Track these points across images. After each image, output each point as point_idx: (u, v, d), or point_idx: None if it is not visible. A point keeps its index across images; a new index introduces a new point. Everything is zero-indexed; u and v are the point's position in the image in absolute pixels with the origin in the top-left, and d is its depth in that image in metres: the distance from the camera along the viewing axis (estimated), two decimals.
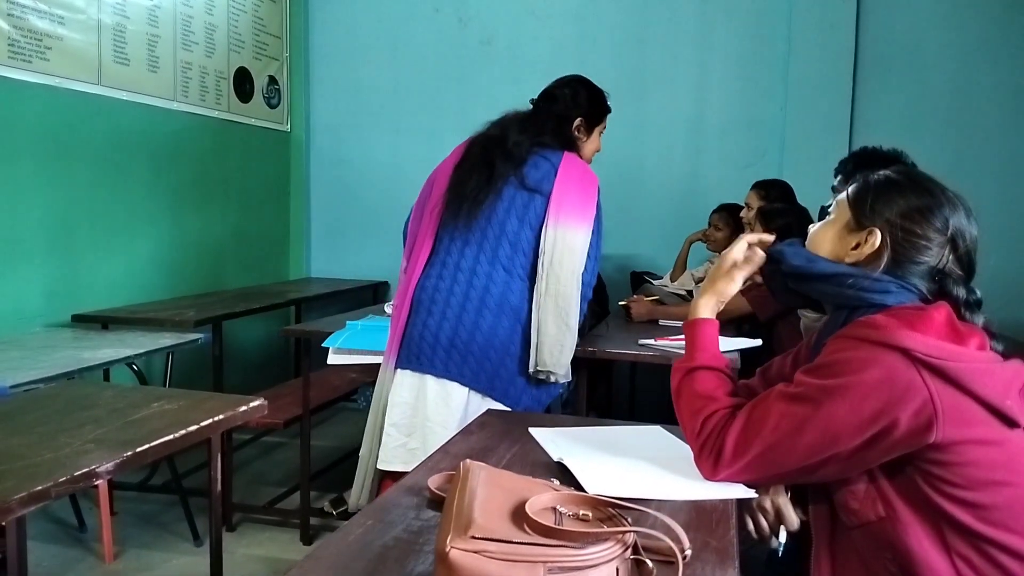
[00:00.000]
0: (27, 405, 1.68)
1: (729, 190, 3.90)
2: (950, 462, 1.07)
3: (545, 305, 1.97)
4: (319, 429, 4.20)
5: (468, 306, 2.01)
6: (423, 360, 2.03)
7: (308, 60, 4.91)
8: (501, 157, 2.03)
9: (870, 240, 1.21)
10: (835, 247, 1.26)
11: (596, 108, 2.25)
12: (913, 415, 1.05)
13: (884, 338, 1.08)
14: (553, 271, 1.97)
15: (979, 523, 1.07)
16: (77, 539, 2.92)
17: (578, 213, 2.01)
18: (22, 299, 3.02)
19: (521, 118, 2.13)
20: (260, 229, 4.65)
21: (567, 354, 2.01)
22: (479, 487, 1.00)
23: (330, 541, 1.06)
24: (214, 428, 1.63)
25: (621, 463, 1.37)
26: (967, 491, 1.07)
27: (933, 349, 1.06)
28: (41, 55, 3.05)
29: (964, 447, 1.06)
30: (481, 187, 2.01)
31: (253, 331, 4.40)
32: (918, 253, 1.19)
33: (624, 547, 0.90)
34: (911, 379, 1.06)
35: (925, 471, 1.09)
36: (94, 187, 3.36)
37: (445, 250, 2.07)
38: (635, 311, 3.15)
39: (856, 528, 1.16)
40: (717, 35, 4.33)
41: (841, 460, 1.11)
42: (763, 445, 1.17)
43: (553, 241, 1.98)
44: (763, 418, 1.18)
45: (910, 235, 1.19)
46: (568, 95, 2.19)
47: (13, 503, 1.15)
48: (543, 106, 2.19)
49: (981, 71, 4.01)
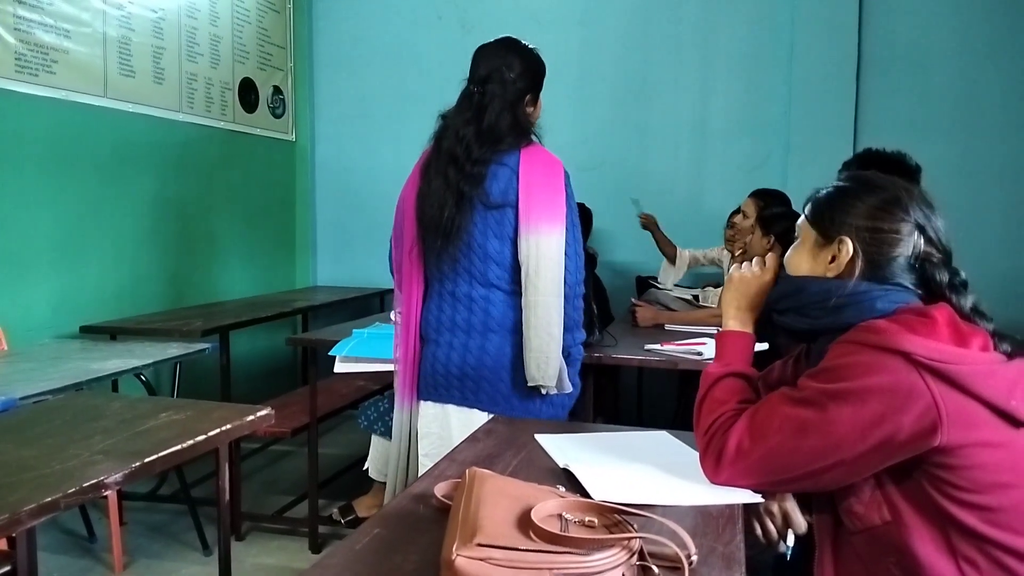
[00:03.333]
0: (36, 416, 1.69)
1: (733, 193, 3.89)
2: (956, 465, 1.07)
3: (528, 319, 1.93)
4: (326, 437, 4.21)
5: (472, 332, 2.00)
6: (440, 391, 2.03)
7: (312, 70, 4.94)
8: (464, 181, 1.94)
9: (843, 249, 1.22)
10: (812, 267, 1.27)
11: (539, 75, 2.11)
12: (916, 419, 1.05)
13: (885, 342, 1.08)
14: (532, 282, 1.92)
15: (985, 526, 1.07)
16: (87, 549, 2.92)
17: (548, 215, 1.94)
18: (30, 311, 3.04)
19: (468, 118, 1.99)
20: (266, 238, 4.67)
21: (553, 364, 1.95)
22: (485, 494, 1.01)
23: (338, 549, 1.06)
24: (222, 438, 1.64)
25: (627, 469, 1.37)
26: (973, 494, 1.07)
27: (935, 352, 1.06)
28: (48, 68, 3.07)
29: (970, 450, 1.06)
30: (452, 217, 1.94)
31: (260, 340, 4.41)
32: (891, 248, 1.19)
33: (630, 553, 0.90)
34: (913, 383, 1.06)
35: (931, 475, 1.09)
36: (101, 198, 3.38)
37: (437, 280, 2.05)
38: (641, 316, 3.15)
39: (860, 533, 1.16)
40: (720, 39, 4.33)
41: (845, 465, 1.11)
42: (766, 447, 1.17)
43: (527, 251, 1.93)
44: (766, 421, 1.18)
45: (878, 232, 1.20)
46: (512, 76, 2.02)
47: (23, 515, 1.16)
48: (488, 95, 2.00)
49: (985, 72, 4.01)
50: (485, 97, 2.00)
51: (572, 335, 2.03)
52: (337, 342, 2.64)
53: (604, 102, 4.46)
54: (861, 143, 3.97)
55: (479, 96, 2.01)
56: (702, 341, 2.64)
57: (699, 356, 2.47)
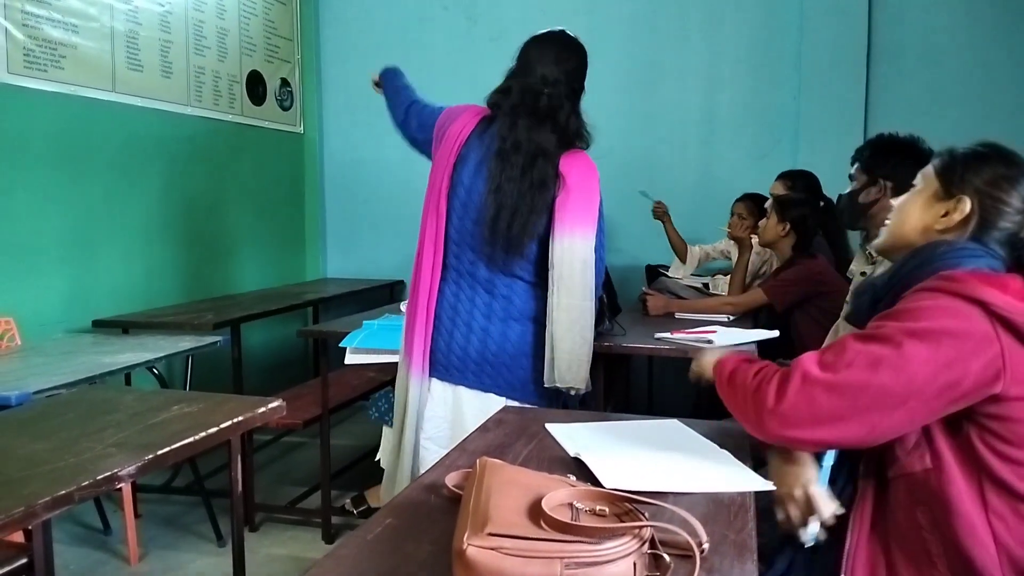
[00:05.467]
0: (49, 411, 1.70)
1: (743, 180, 3.88)
2: (1007, 417, 1.10)
3: (559, 319, 1.92)
4: (338, 428, 4.22)
5: (493, 318, 2.00)
6: (453, 373, 2.02)
7: (320, 62, 4.94)
8: (546, 182, 1.92)
9: (959, 207, 1.25)
10: (924, 215, 1.30)
11: (584, 76, 2.09)
12: (983, 367, 1.08)
13: (965, 290, 1.11)
14: (564, 284, 1.92)
15: (1020, 482, 1.09)
16: (102, 541, 2.95)
17: (583, 219, 1.94)
18: (43, 306, 3.06)
19: (540, 119, 1.98)
20: (276, 231, 4.68)
21: (586, 366, 1.97)
22: (495, 484, 1.00)
23: (350, 540, 1.07)
24: (233, 430, 1.64)
25: (638, 457, 1.37)
26: (1018, 449, 1.10)
27: (1009, 305, 1.09)
28: (56, 64, 3.08)
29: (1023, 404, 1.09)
30: (524, 224, 1.92)
31: (271, 333, 4.43)
32: (1001, 219, 1.24)
33: (641, 542, 0.90)
34: (986, 331, 1.08)
35: (981, 425, 1.11)
36: (111, 193, 3.39)
37: (455, 256, 2.03)
38: (651, 305, 3.14)
39: (896, 479, 1.18)
40: (728, 24, 4.30)
41: (908, 407, 1.09)
42: (836, 378, 1.12)
43: (561, 254, 1.92)
44: (837, 355, 1.14)
45: (997, 202, 1.24)
46: (574, 77, 2.02)
47: (37, 507, 1.17)
48: (555, 97, 1.99)
49: (996, 55, 3.97)
50: (554, 99, 1.99)
51: None
52: (347, 334, 2.65)
53: (612, 91, 4.44)
54: (871, 128, 3.94)
55: (547, 98, 1.99)
56: (712, 329, 2.63)
57: (709, 344, 2.46)
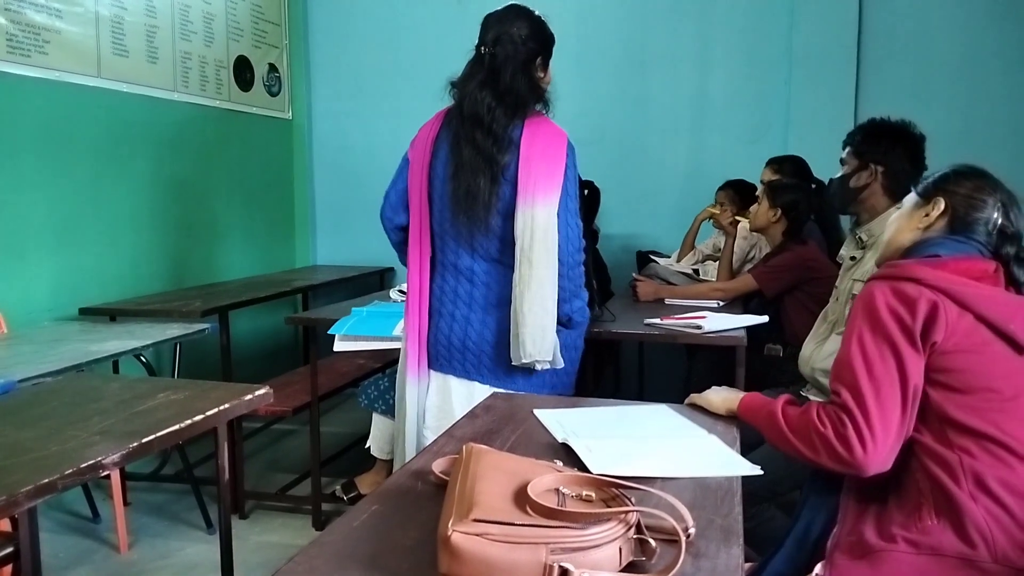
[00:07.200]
0: (35, 399, 1.69)
1: (734, 166, 3.87)
2: (950, 368, 1.26)
3: (522, 293, 1.90)
4: (328, 416, 4.22)
5: (474, 306, 2.01)
6: (442, 363, 2.04)
7: (308, 47, 4.89)
8: (495, 145, 1.90)
9: (936, 206, 1.43)
10: (909, 222, 1.48)
11: (548, 40, 2.05)
12: (925, 313, 1.25)
13: (901, 273, 1.31)
14: (525, 256, 1.89)
15: (975, 419, 1.25)
16: (91, 530, 2.94)
17: (543, 187, 1.90)
18: (29, 293, 3.03)
19: (482, 80, 1.93)
20: (264, 218, 4.65)
21: (549, 339, 1.93)
22: (481, 470, 1.00)
23: (336, 526, 1.07)
24: (220, 417, 1.63)
25: (626, 443, 1.37)
26: (965, 395, 1.26)
27: (942, 280, 1.27)
28: (40, 49, 3.04)
29: (965, 355, 1.26)
30: (486, 190, 1.90)
31: (260, 320, 4.41)
32: (976, 211, 1.40)
33: (627, 527, 0.90)
34: (920, 292, 1.27)
35: (933, 381, 1.27)
36: (97, 180, 3.36)
37: (440, 249, 2.04)
38: (641, 291, 3.14)
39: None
40: (719, 9, 4.28)
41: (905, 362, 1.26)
42: (859, 371, 1.27)
43: (523, 225, 1.89)
44: (847, 357, 1.31)
45: (968, 197, 1.41)
46: (522, 36, 1.96)
47: (20, 496, 1.16)
48: (499, 56, 1.94)
49: (987, 38, 3.96)
50: (496, 59, 1.95)
51: (570, 304, 2.02)
52: (336, 321, 2.64)
53: (603, 75, 4.42)
54: (863, 112, 3.93)
55: (490, 58, 1.95)
56: (702, 315, 2.63)
57: (699, 330, 2.46)
